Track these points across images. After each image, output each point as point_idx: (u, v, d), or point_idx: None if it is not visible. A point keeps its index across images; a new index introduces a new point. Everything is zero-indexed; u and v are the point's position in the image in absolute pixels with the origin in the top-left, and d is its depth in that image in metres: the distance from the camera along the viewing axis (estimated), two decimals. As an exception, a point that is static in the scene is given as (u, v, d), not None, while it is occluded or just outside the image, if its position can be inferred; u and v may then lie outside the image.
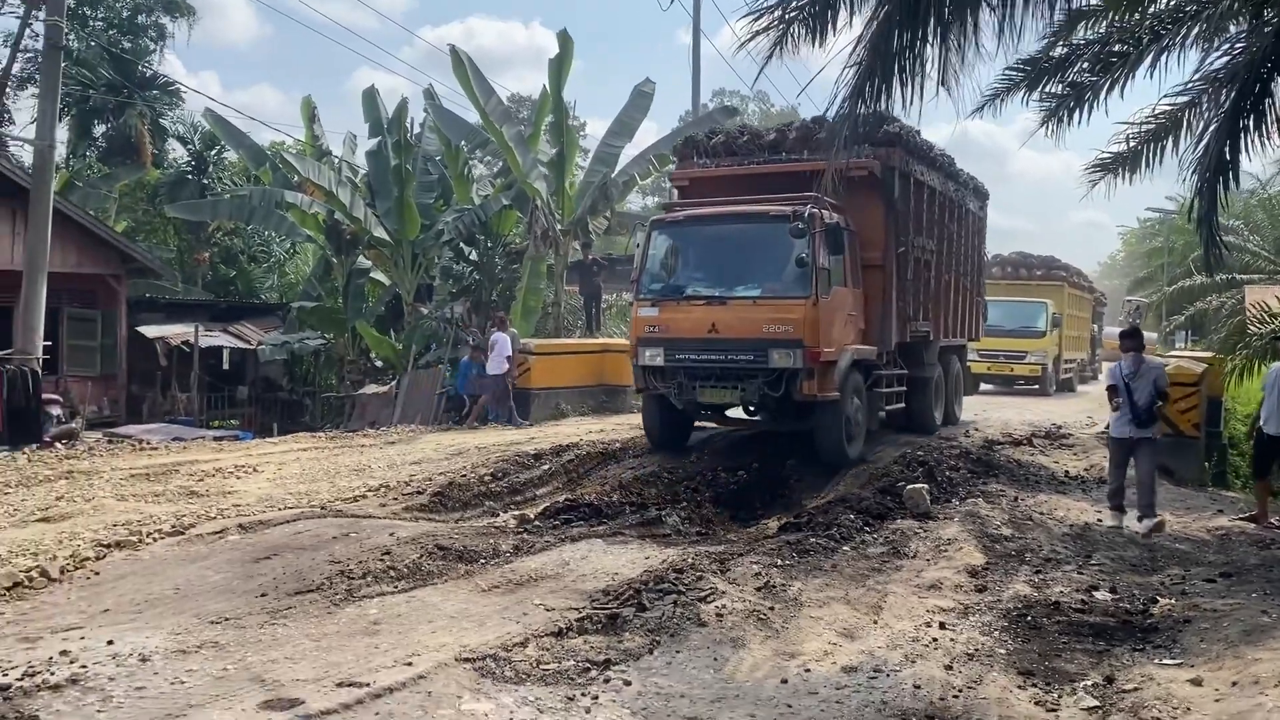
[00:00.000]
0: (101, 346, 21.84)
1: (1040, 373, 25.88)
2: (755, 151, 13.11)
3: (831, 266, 11.27)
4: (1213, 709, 4.72)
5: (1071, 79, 13.63)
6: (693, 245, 11.96)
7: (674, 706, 4.99)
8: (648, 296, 11.77)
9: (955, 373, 16.39)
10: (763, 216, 11.31)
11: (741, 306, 11.16)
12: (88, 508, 8.91)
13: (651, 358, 11.51)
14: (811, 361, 10.78)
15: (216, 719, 4.32)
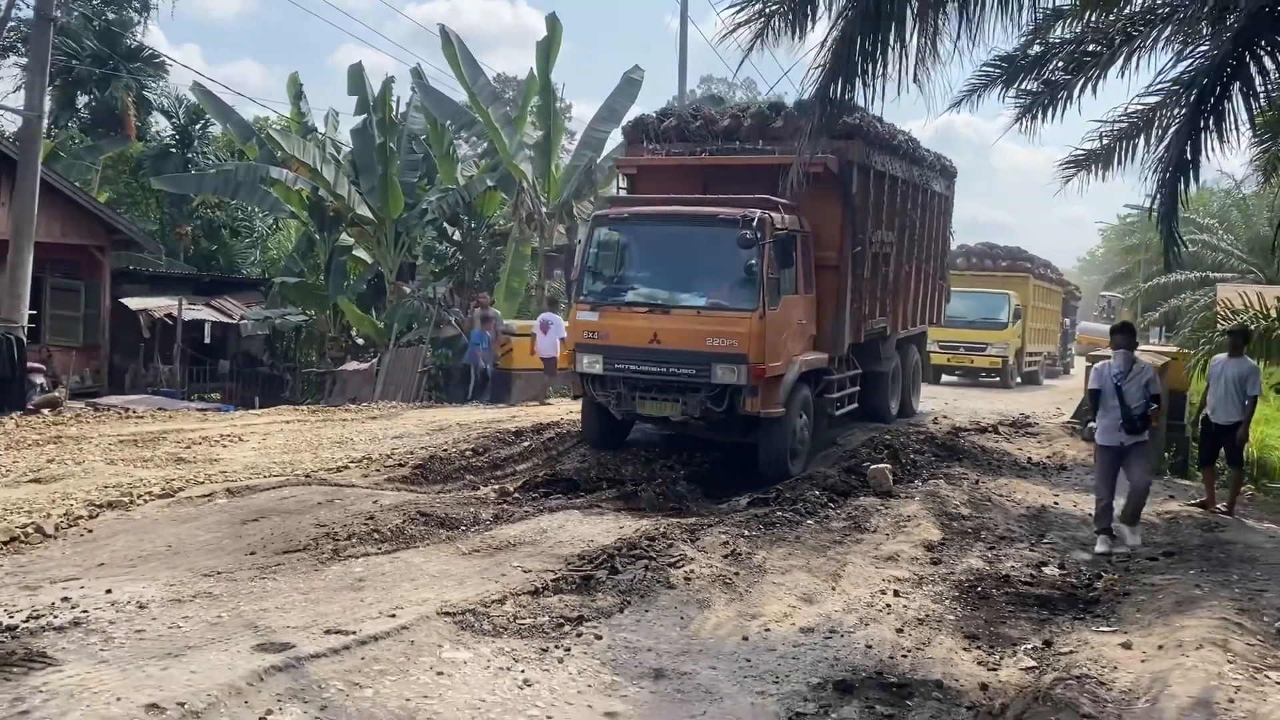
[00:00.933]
0: (85, 317, 21.93)
1: (1001, 365, 25.56)
2: (708, 138, 12.32)
3: (781, 276, 10.76)
4: (1138, 668, 5.09)
5: (1046, 77, 14.00)
6: (637, 245, 11.30)
7: (641, 658, 5.35)
8: (587, 299, 11.09)
9: (913, 363, 15.99)
10: (712, 219, 10.63)
11: (685, 317, 10.56)
12: (78, 470, 9.17)
13: (590, 365, 10.89)
14: (755, 378, 10.26)
15: (213, 659, 4.62)
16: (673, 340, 10.50)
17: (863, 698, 4.97)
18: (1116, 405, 8.44)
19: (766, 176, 11.14)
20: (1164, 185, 10.36)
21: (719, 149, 12.12)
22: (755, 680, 5.17)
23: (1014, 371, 26.32)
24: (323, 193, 22.28)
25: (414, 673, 4.84)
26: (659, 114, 13.05)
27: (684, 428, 11.26)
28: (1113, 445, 8.52)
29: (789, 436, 10.82)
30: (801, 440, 11.20)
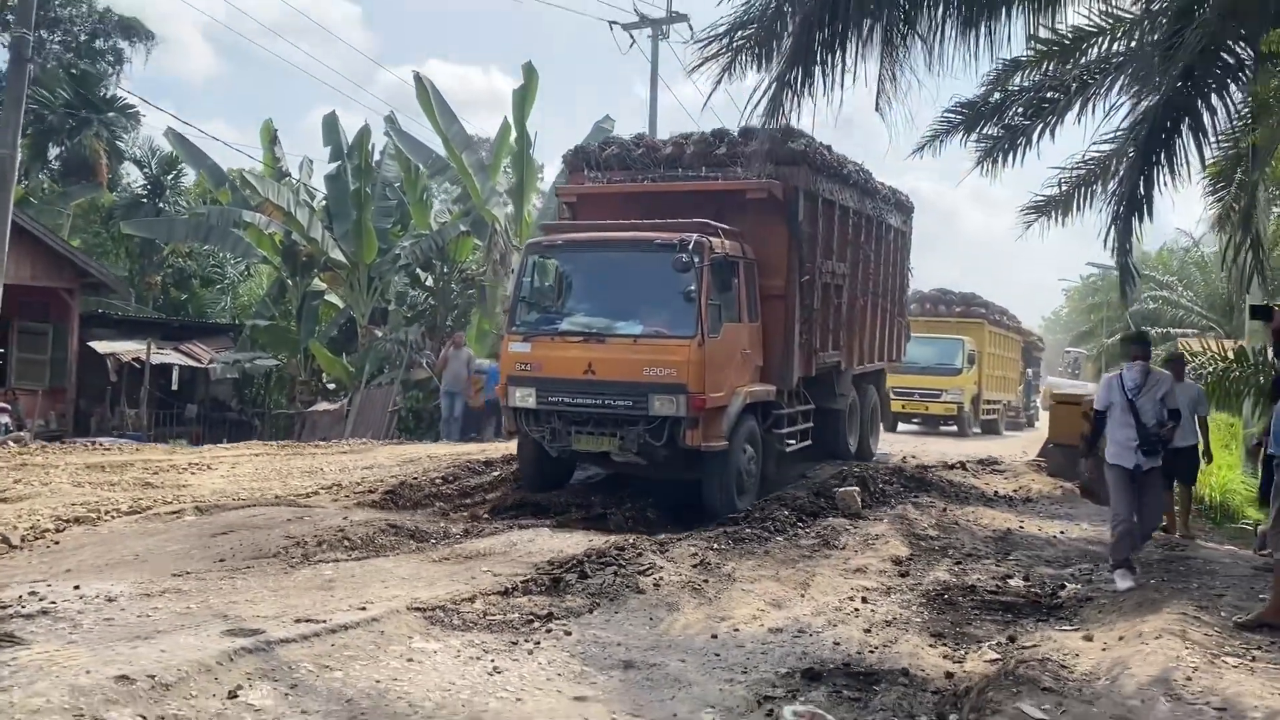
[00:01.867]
0: (52, 360, 21.76)
1: (956, 411, 24.99)
2: (650, 166, 11.89)
3: (722, 302, 10.28)
4: (1099, 655, 5.19)
5: (1006, 121, 14.44)
6: (572, 273, 10.82)
7: (611, 652, 5.39)
8: (519, 330, 10.53)
9: (871, 402, 15.40)
10: (648, 244, 10.14)
11: (621, 345, 9.99)
12: (44, 491, 9.11)
13: (523, 399, 10.26)
14: (695, 409, 9.66)
15: (183, 641, 4.62)
16: (608, 370, 9.93)
17: (830, 684, 5.03)
18: (1131, 423, 7.68)
19: (709, 203, 10.89)
20: (1118, 219, 10.69)
21: (661, 176, 11.75)
22: (724, 670, 5.22)
23: (971, 419, 25.82)
24: (296, 237, 22.37)
25: (384, 659, 4.86)
26: (601, 143, 12.71)
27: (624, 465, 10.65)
28: (1128, 467, 7.70)
29: (733, 471, 10.25)
30: (749, 474, 10.61)
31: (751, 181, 11.04)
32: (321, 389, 23.84)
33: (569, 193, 12.58)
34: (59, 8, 31.93)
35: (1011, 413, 31.21)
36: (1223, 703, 4.30)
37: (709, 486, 10.19)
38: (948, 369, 24.74)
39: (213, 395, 24.73)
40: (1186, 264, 44.21)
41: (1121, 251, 10.85)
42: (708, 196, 11.08)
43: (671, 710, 4.64)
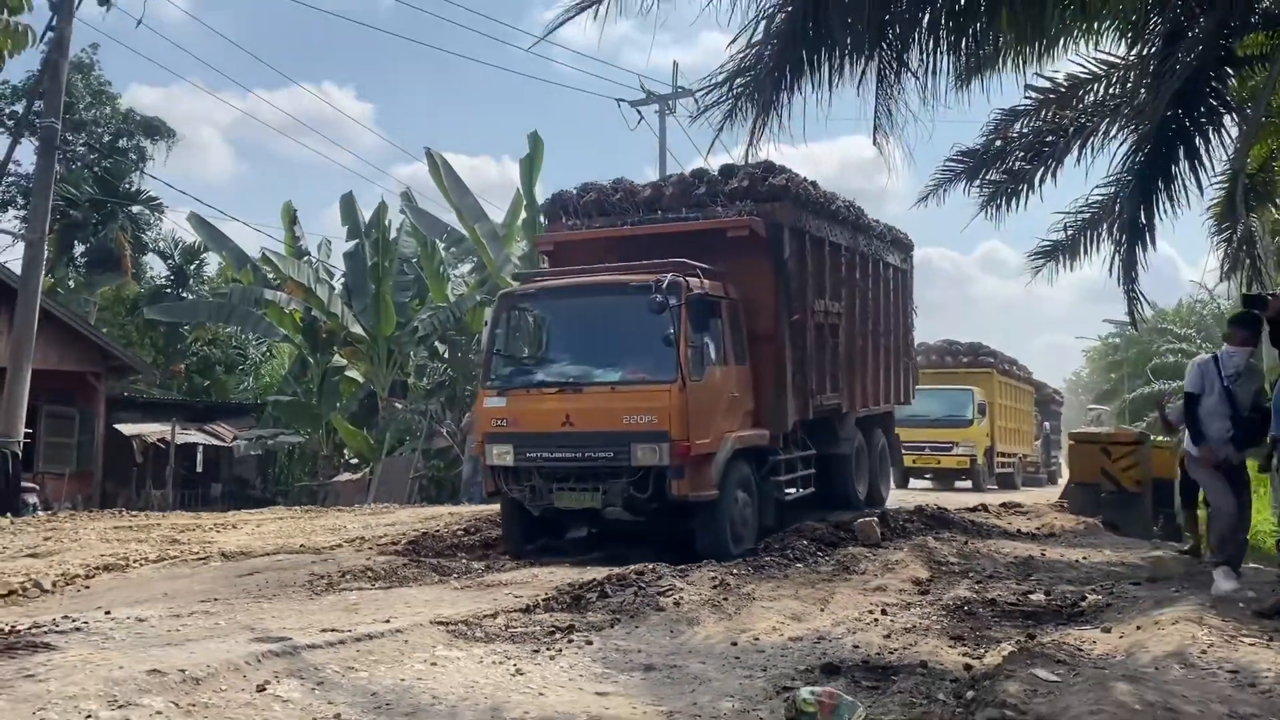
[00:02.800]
0: (78, 444, 22.10)
1: (969, 464, 24.13)
2: (630, 210, 11.46)
3: (705, 344, 9.84)
4: (1117, 642, 5.23)
5: (1008, 167, 14.74)
6: (547, 322, 10.46)
7: (631, 657, 5.45)
8: (494, 384, 10.14)
9: (879, 445, 14.78)
10: (623, 287, 9.72)
11: (599, 394, 9.61)
12: (74, 546, 9.27)
13: (500, 456, 9.77)
14: (680, 457, 9.18)
15: (212, 647, 4.73)
16: (587, 421, 9.49)
17: (848, 676, 5.07)
18: (1227, 412, 7.07)
19: (691, 244, 10.49)
20: (1121, 246, 10.89)
21: (640, 220, 11.32)
22: (744, 669, 5.27)
23: (986, 473, 25.04)
24: (316, 313, 22.80)
25: (408, 663, 4.95)
26: (579, 189, 12.08)
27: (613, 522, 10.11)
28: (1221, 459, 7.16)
29: (726, 520, 9.68)
30: (744, 522, 10.05)
31: (731, 219, 10.75)
32: (344, 463, 24.06)
33: (546, 242, 12.15)
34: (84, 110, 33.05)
35: (1030, 468, 30.28)
36: (1235, 667, 4.34)
37: (701, 538, 9.63)
38: (958, 420, 24.03)
39: (237, 474, 25.00)
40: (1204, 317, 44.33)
41: (1128, 279, 11.01)
42: (689, 238, 10.65)
43: (692, 700, 4.69)
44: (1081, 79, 13.42)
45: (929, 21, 8.58)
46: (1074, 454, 15.17)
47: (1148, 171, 10.31)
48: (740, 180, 10.91)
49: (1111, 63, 12.95)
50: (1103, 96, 13.72)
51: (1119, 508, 12.98)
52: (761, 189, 10.86)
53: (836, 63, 8.45)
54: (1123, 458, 13.17)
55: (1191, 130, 10.20)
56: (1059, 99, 13.86)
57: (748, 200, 10.80)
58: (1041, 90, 13.66)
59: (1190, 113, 10.00)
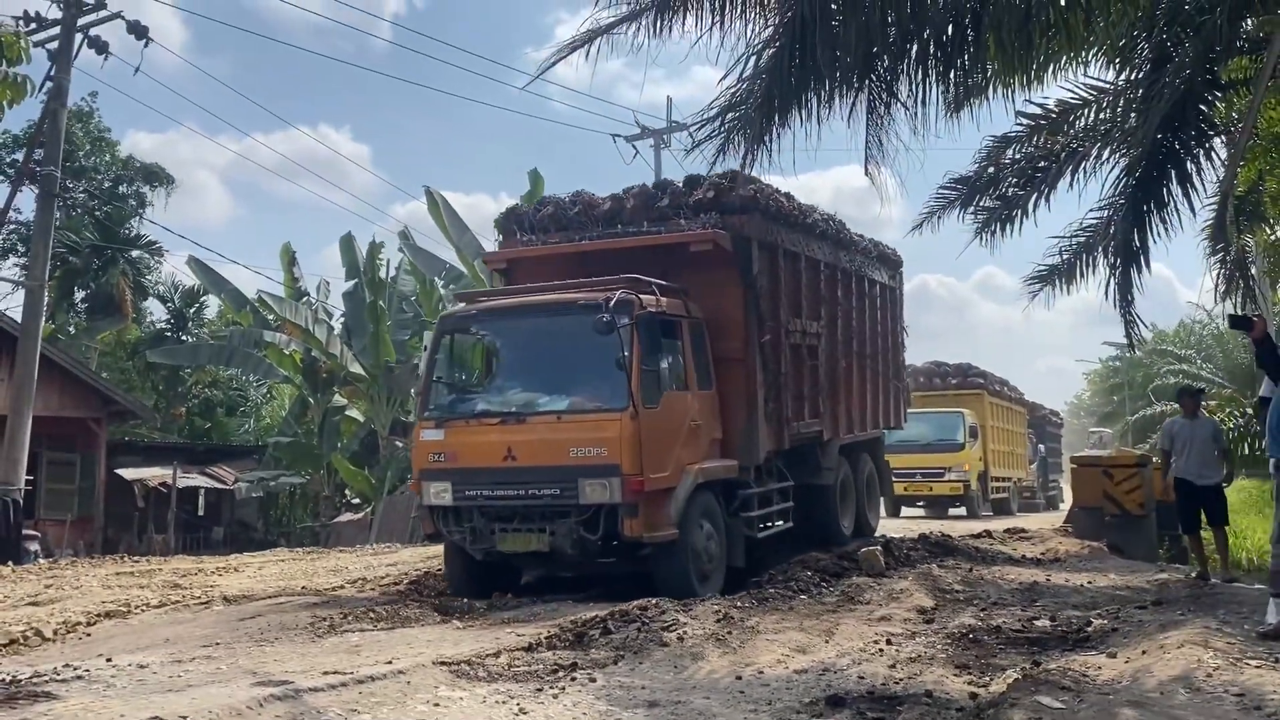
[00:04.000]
0: (79, 489, 22.11)
1: (963, 490, 23.23)
2: (589, 224, 10.68)
3: (661, 367, 9.13)
4: (1122, 666, 5.21)
5: (1001, 192, 14.83)
6: (490, 346, 9.80)
7: (635, 694, 5.41)
8: (432, 415, 9.33)
9: (867, 473, 13.81)
10: (570, 307, 8.94)
11: (544, 424, 8.79)
12: (75, 593, 9.25)
13: (438, 495, 8.97)
14: (634, 493, 8.38)
15: (214, 693, 4.71)
16: (531, 454, 8.67)
17: (854, 708, 5.04)
18: None
19: (653, 260, 9.75)
20: (1116, 269, 10.95)
21: (600, 234, 10.54)
22: (749, 704, 5.23)
23: (980, 499, 24.24)
24: (316, 354, 22.85)
25: (411, 704, 4.92)
26: (537, 203, 11.43)
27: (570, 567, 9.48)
28: None
29: (688, 561, 8.84)
30: (710, 557, 9.22)
31: (694, 233, 9.98)
32: (345, 503, 24.02)
33: (497, 259, 11.24)
34: (84, 158, 33.30)
35: (1026, 493, 29.44)
36: (1241, 690, 4.32)
37: (661, 582, 8.82)
38: (949, 445, 23.19)
39: (239, 517, 24.96)
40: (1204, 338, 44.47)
41: (1124, 302, 11.08)
42: (650, 253, 9.90)
43: (696, 735, 4.67)
44: (1072, 105, 13.55)
45: (917, 52, 8.67)
46: (1076, 477, 15.13)
47: (1140, 195, 10.41)
48: (705, 191, 10.27)
49: (1101, 88, 13.08)
50: (1093, 121, 13.83)
51: (1123, 531, 12.95)
52: (728, 200, 10.18)
53: (825, 95, 8.54)
54: (1125, 480, 13.16)
55: (1181, 153, 10.30)
56: (1050, 125, 13.98)
57: (713, 213, 10.12)
58: (1032, 117, 13.78)
59: (1179, 136, 10.11)
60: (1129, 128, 11.19)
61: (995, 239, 14.70)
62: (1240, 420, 15.51)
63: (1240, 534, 15.06)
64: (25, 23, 15.95)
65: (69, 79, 16.84)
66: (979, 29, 8.60)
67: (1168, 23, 9.46)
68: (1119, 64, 11.72)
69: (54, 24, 16.60)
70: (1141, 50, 10.53)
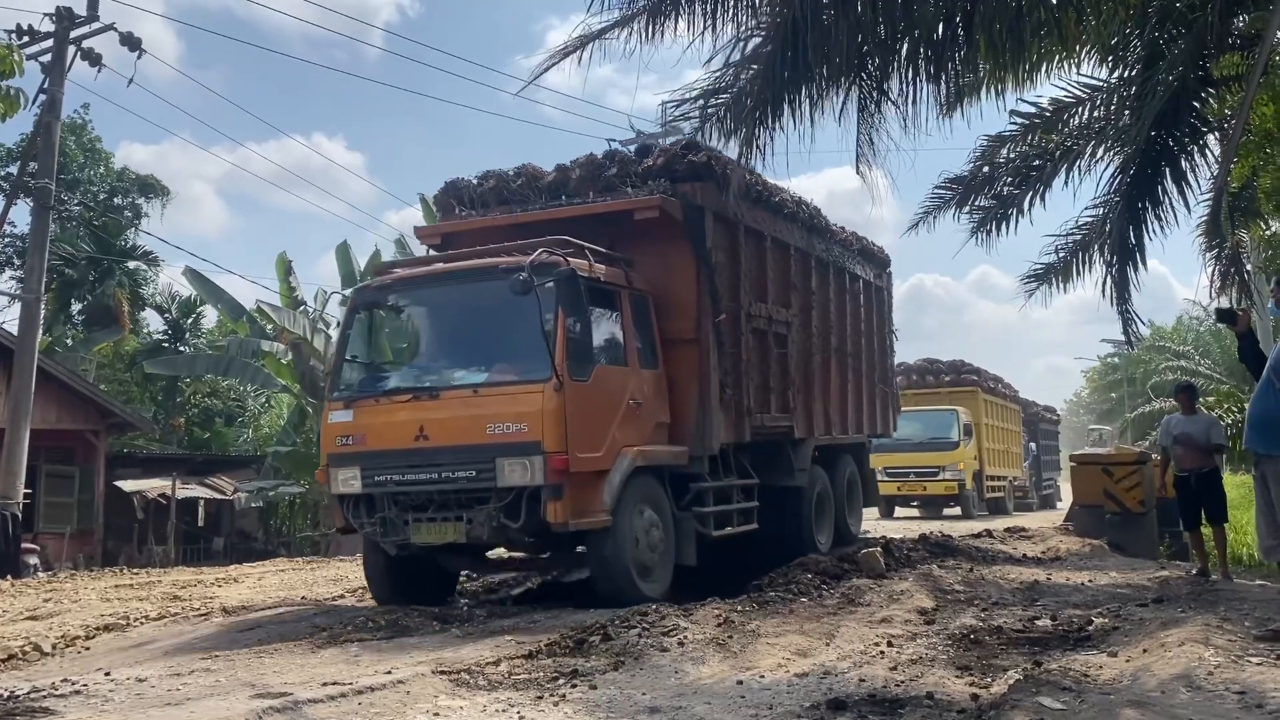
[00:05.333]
0: (79, 502, 22.06)
1: (958, 490, 23.05)
2: (533, 196, 10.00)
3: (593, 338, 8.37)
4: (1123, 666, 5.19)
5: (996, 192, 14.86)
6: (406, 319, 9.18)
7: (636, 700, 5.39)
8: (341, 395, 8.60)
9: (847, 478, 13.04)
10: (490, 272, 8.16)
11: (459, 400, 8.07)
12: (74, 607, 9.24)
13: (346, 482, 8.23)
14: (557, 473, 7.67)
15: (212, 706, 4.70)
16: (444, 433, 7.96)
17: (855, 711, 5.03)
18: None
19: (597, 231, 9.14)
20: (1112, 267, 10.96)
21: (544, 206, 9.88)
22: (749, 709, 5.21)
23: (975, 499, 24.07)
24: (314, 362, 22.82)
25: (411, 714, 4.90)
26: (479, 176, 10.51)
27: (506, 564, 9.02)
28: None
29: (625, 552, 8.13)
30: (652, 548, 8.50)
31: (639, 199, 9.31)
32: (345, 512, 24.00)
33: (431, 233, 10.49)
34: (78, 170, 33.30)
35: (1019, 492, 29.35)
36: (1242, 688, 4.31)
37: (597, 576, 8.28)
38: (943, 443, 23.07)
39: (239, 527, 24.93)
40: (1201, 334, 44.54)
41: (1120, 299, 11.09)
42: (595, 224, 9.27)
43: (697, 741, 4.65)
44: (1065, 103, 13.58)
45: (907, 51, 8.68)
46: (1076, 475, 15.16)
47: (1135, 192, 10.42)
48: (656, 159, 9.65)
49: (1094, 86, 13.12)
50: (1087, 120, 13.86)
51: (1124, 529, 12.99)
52: (679, 168, 9.49)
53: (817, 95, 8.54)
54: (1125, 478, 13.19)
55: (1175, 150, 10.32)
56: (1044, 123, 14.02)
57: (663, 179, 9.44)
58: (1026, 115, 13.81)
59: (1173, 133, 10.12)
60: (1123, 125, 11.20)
61: (991, 238, 14.75)
62: (1239, 416, 15.47)
63: (1241, 530, 15.04)
64: (18, 36, 15.95)
65: (63, 91, 16.84)
66: (970, 29, 8.62)
67: (1160, 20, 9.48)
68: (1112, 62, 11.76)
69: (47, 36, 16.60)
70: (1134, 48, 10.55)
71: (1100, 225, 13.29)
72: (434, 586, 9.08)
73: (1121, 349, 51.07)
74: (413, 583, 8.82)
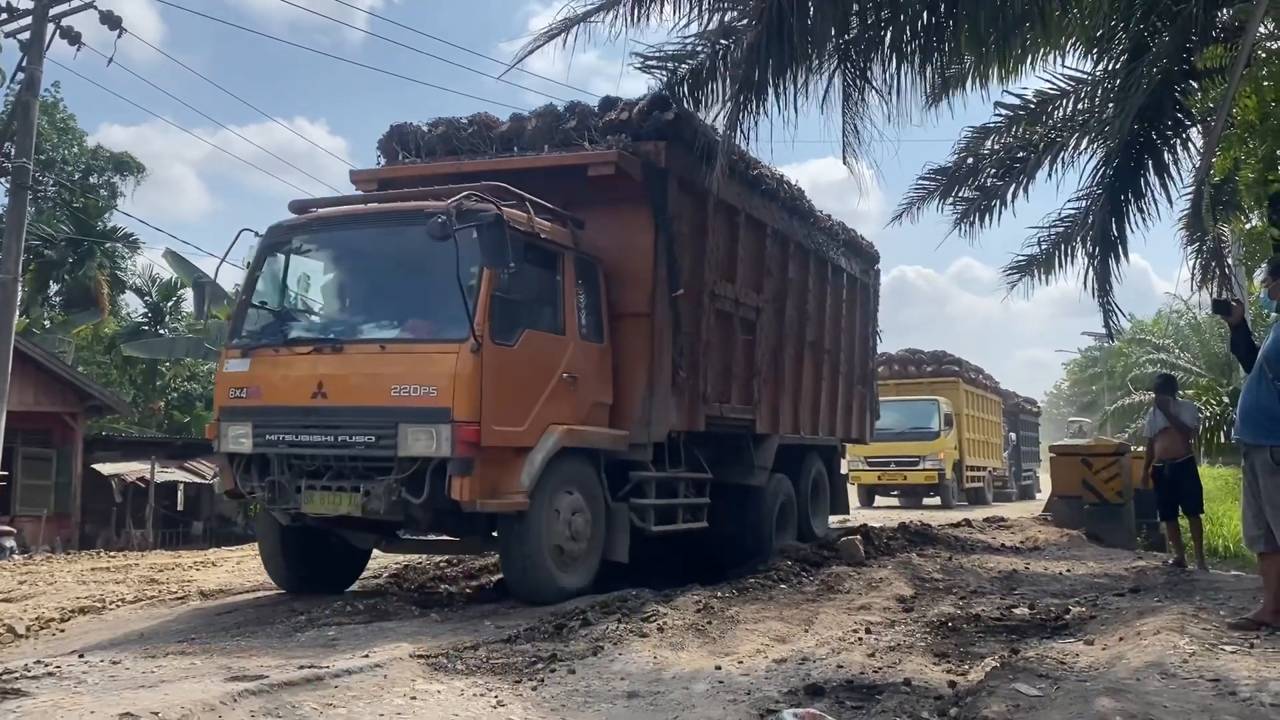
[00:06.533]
0: (56, 485, 21.93)
1: (938, 479, 23.18)
2: (483, 146, 9.13)
3: (524, 298, 7.49)
4: (1099, 654, 5.23)
5: (980, 183, 14.91)
6: (321, 262, 8.28)
7: (613, 685, 5.39)
8: (240, 344, 7.79)
9: (813, 480, 12.14)
10: (414, 215, 7.27)
11: (364, 355, 7.26)
12: (49, 589, 9.15)
13: (237, 440, 7.41)
14: (467, 445, 6.81)
15: (187, 689, 4.65)
16: (343, 392, 7.12)
17: (832, 697, 5.04)
18: None
19: (551, 189, 8.34)
20: (1094, 259, 11.00)
21: (494, 157, 9.06)
22: (728, 693, 5.22)
23: (955, 489, 24.27)
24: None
25: (388, 698, 4.88)
26: (430, 123, 9.62)
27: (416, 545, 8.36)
28: None
29: (542, 537, 7.34)
30: (575, 536, 7.71)
31: (592, 154, 8.46)
32: (326, 497, 23.89)
33: (366, 179, 9.42)
34: (51, 150, 32.98)
35: (999, 483, 29.57)
36: (1216, 676, 4.34)
37: (508, 565, 7.59)
38: (924, 433, 23.17)
39: (218, 512, 24.79)
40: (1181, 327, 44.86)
41: (1102, 292, 11.14)
42: (547, 179, 8.42)
43: (675, 726, 4.65)
44: (1050, 95, 13.63)
45: (891, 39, 8.68)
46: (1055, 466, 15.27)
47: (1117, 185, 10.46)
48: (620, 113, 8.78)
49: (1079, 78, 13.17)
50: (1071, 112, 13.93)
51: (1102, 519, 13.10)
52: (645, 125, 8.65)
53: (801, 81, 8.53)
54: (1103, 469, 13.29)
55: (1158, 143, 10.36)
56: (1029, 115, 14.08)
57: (625, 135, 8.60)
58: (1011, 107, 13.85)
59: (1156, 126, 10.16)
60: (1106, 118, 11.25)
61: (974, 229, 14.82)
62: (1216, 409, 15.61)
63: (1217, 521, 15.19)
64: (-4, 13, 15.76)
65: (41, 70, 16.65)
66: (955, 18, 8.62)
67: (1144, 12, 9.50)
68: (1096, 54, 11.80)
69: (25, 14, 16.41)
70: (1118, 40, 10.58)
71: (1083, 217, 13.37)
72: (340, 568, 8.38)
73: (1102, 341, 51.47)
74: (315, 563, 8.12)
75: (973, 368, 27.76)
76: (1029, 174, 14.55)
